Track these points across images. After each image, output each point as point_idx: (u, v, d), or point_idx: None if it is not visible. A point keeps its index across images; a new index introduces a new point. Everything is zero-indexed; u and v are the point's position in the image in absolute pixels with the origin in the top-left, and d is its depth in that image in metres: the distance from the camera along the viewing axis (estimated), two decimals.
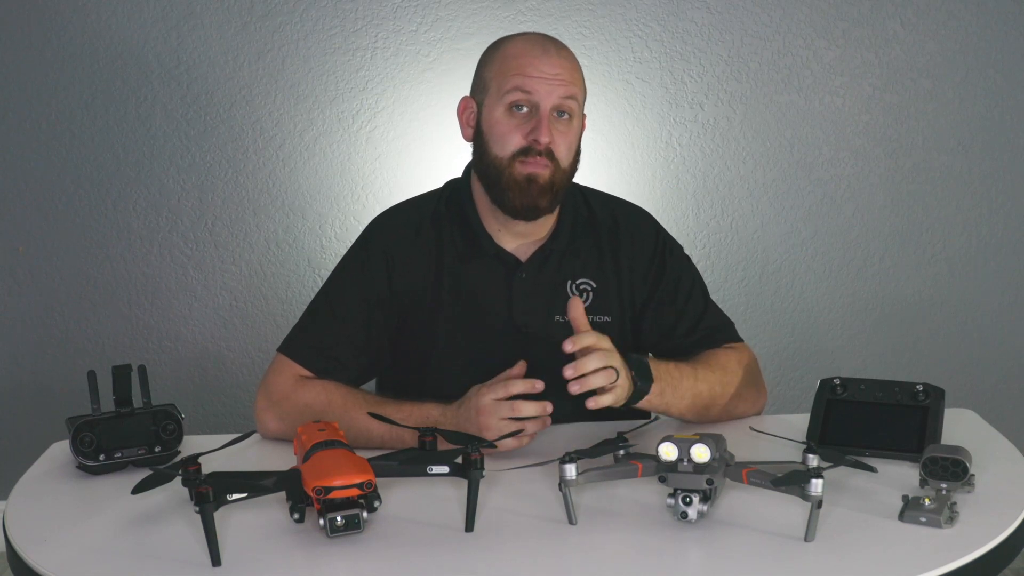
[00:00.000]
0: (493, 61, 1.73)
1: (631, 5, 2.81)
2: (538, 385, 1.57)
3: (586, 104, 1.75)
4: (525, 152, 1.67)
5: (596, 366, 1.51)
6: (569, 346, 1.51)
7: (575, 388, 1.50)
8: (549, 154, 1.67)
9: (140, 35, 2.76)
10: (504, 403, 1.56)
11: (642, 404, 1.63)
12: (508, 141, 1.68)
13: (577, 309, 1.57)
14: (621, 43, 2.82)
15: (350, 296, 1.77)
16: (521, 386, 1.56)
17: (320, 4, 2.79)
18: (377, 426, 1.56)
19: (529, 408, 1.56)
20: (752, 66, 2.85)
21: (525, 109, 1.67)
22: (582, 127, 1.75)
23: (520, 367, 1.64)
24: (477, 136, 1.74)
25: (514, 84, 1.67)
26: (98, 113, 2.78)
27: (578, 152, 1.75)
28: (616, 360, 1.54)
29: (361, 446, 1.53)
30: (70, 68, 2.76)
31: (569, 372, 1.49)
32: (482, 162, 1.73)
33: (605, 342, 1.54)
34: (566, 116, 1.69)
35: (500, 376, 1.62)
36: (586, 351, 1.51)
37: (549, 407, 1.57)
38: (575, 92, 1.69)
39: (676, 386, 1.65)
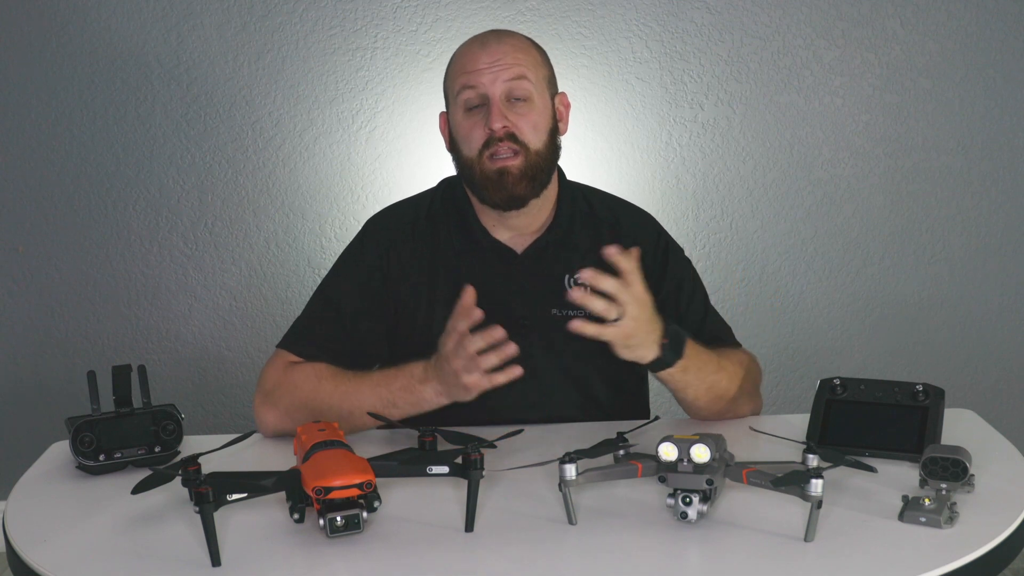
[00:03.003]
0: (447, 71, 1.78)
1: (631, 5, 2.81)
2: (496, 333, 1.51)
3: (576, 96, 1.74)
4: (488, 144, 1.68)
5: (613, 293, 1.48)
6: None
7: (576, 294, 1.48)
8: (513, 139, 1.68)
9: (140, 35, 2.76)
10: (469, 351, 1.51)
11: (663, 375, 1.63)
12: (472, 139, 1.70)
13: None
14: (621, 43, 2.81)
15: (346, 289, 1.78)
16: (480, 342, 1.51)
17: (320, 4, 2.79)
18: (368, 396, 1.58)
19: (492, 359, 1.52)
20: (752, 66, 2.85)
21: (480, 105, 1.69)
22: (555, 106, 1.75)
23: (469, 294, 1.53)
24: (452, 145, 1.77)
25: (461, 84, 1.71)
26: (98, 113, 2.78)
27: (555, 131, 1.74)
28: (646, 314, 1.52)
29: (357, 424, 1.60)
30: (70, 68, 2.76)
31: (587, 274, 1.47)
32: (459, 167, 1.76)
33: (645, 297, 1.51)
34: (522, 99, 1.69)
35: (456, 316, 1.54)
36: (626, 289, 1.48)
37: (513, 348, 1.52)
38: (523, 73, 1.69)
39: (701, 368, 1.65)
